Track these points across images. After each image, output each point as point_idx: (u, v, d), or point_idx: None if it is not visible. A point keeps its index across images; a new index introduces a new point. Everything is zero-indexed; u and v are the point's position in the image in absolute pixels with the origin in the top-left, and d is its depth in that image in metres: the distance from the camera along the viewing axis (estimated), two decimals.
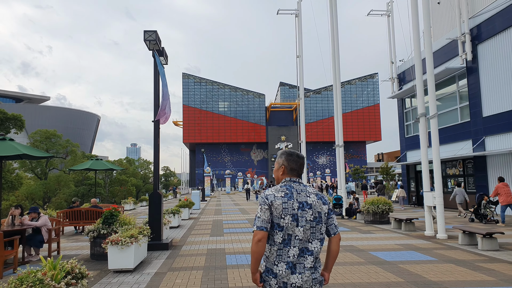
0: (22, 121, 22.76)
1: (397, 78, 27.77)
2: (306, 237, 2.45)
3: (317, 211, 2.50)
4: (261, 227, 2.44)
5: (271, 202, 2.48)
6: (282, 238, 2.44)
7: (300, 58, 27.35)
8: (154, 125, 9.92)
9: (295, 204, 2.47)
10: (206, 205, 29.65)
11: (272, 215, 2.47)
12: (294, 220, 2.43)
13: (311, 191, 2.57)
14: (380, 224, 14.14)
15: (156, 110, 9.78)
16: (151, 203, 9.65)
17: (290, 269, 2.41)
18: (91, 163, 13.62)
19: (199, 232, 12.90)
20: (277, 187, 2.60)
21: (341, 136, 19.48)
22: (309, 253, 2.45)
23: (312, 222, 2.47)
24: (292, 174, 2.65)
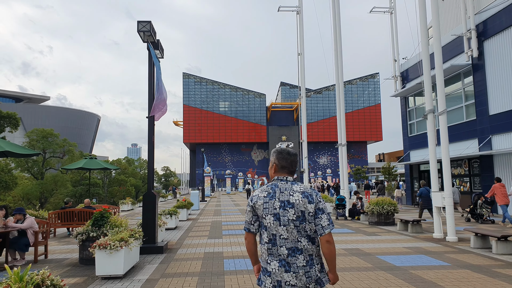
0: (17, 119, 22.25)
1: (400, 76, 27.23)
2: (293, 236, 2.43)
3: (300, 210, 2.44)
4: (245, 228, 2.62)
5: (254, 203, 2.55)
6: (268, 237, 2.48)
7: (301, 56, 26.82)
8: (149, 121, 9.39)
9: (276, 203, 2.47)
10: (206, 205, 29.14)
11: (257, 216, 2.56)
12: (276, 219, 2.44)
13: (296, 189, 2.51)
14: (385, 226, 13.61)
15: (151, 105, 9.26)
16: (145, 204, 9.13)
17: (283, 267, 2.42)
18: (85, 162, 13.09)
19: (196, 234, 12.38)
20: (263, 187, 2.62)
21: (343, 135, 19.00)
22: (299, 252, 2.43)
23: (296, 221, 2.43)
24: (283, 171, 2.64)
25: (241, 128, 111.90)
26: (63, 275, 6.98)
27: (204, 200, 36.34)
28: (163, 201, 41.11)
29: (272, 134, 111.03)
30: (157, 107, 9.26)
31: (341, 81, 19.82)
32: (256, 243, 2.64)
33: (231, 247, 9.59)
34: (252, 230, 2.59)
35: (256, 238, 2.66)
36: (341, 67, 20.07)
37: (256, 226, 2.58)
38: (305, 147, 25.68)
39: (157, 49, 10.05)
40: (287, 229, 2.43)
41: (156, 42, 9.90)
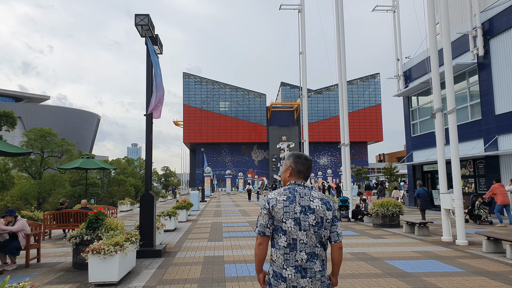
0: (14, 118, 21.85)
1: (403, 76, 26.86)
2: (312, 241, 2.45)
3: (320, 216, 2.48)
4: (260, 232, 2.52)
5: (272, 206, 2.50)
6: (286, 242, 2.45)
7: (303, 54, 26.46)
8: (146, 119, 9.02)
9: (297, 208, 2.47)
10: (206, 206, 28.76)
11: (273, 219, 2.50)
12: (297, 224, 2.44)
13: (315, 196, 2.55)
14: (390, 228, 13.22)
15: (149, 102, 8.88)
16: (142, 205, 8.75)
17: (299, 273, 2.41)
18: (81, 162, 12.70)
19: (196, 236, 12.00)
20: (280, 190, 2.58)
21: (347, 134, 18.62)
22: (316, 258, 2.46)
23: (315, 227, 2.46)
24: (299, 176, 2.64)
25: (241, 128, 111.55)
26: (54, 281, 6.60)
27: (204, 201, 35.96)
28: (163, 201, 40.74)
29: (272, 134, 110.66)
30: (156, 105, 8.88)
31: (344, 81, 19.47)
32: (267, 249, 2.59)
33: (232, 250, 9.21)
34: (267, 234, 2.53)
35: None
36: (344, 66, 19.72)
37: (271, 230, 2.54)
38: (306, 147, 25.30)
39: (155, 44, 9.67)
40: (307, 234, 2.45)
41: (155, 37, 9.53)
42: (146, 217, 8.69)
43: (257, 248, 2.54)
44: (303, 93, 26.03)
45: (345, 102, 18.96)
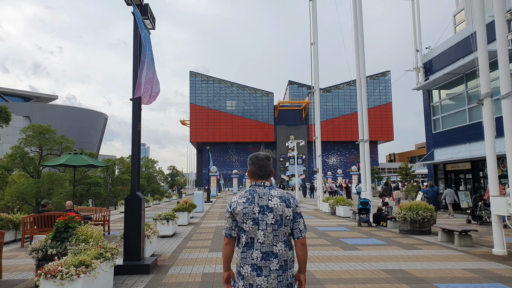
0: (7, 113, 20.44)
1: (423, 68, 24.98)
2: (269, 240, 2.50)
3: (278, 214, 2.53)
4: (226, 234, 2.65)
5: (233, 209, 2.59)
6: (245, 241, 2.54)
7: (314, 45, 24.77)
8: (133, 104, 7.40)
9: (255, 208, 2.53)
10: (211, 207, 27.15)
11: (236, 221, 2.60)
12: (255, 224, 2.51)
13: (274, 194, 2.60)
14: (420, 235, 11.47)
15: (135, 84, 7.25)
16: (127, 210, 7.12)
17: (255, 271, 2.48)
18: (67, 158, 11.16)
19: (196, 244, 10.36)
20: (242, 193, 2.69)
21: (366, 130, 16.89)
22: (273, 256, 2.49)
23: (274, 225, 2.51)
24: (254, 177, 2.71)
25: (248, 127, 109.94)
26: None
27: (209, 201, 34.37)
28: (167, 202, 39.22)
29: (280, 133, 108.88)
30: (144, 86, 7.25)
31: (363, 75, 17.78)
32: (234, 249, 2.68)
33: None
34: (233, 235, 2.63)
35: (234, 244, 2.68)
36: (362, 60, 17.98)
37: (236, 231, 2.63)
38: (318, 145, 23.60)
39: (145, 16, 8.03)
40: (264, 233, 2.50)
41: (144, 6, 7.89)
42: (132, 224, 7.06)
43: (224, 248, 2.66)
44: (315, 86, 24.31)
45: (364, 97, 17.27)
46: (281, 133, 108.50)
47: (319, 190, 23.11)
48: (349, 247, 9.48)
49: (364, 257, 8.23)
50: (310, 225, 14.62)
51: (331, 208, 19.51)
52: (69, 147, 28.92)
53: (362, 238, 11.14)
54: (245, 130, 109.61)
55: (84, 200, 33.00)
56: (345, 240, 10.63)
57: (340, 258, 8.15)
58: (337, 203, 18.60)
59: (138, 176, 7.32)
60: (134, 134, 7.34)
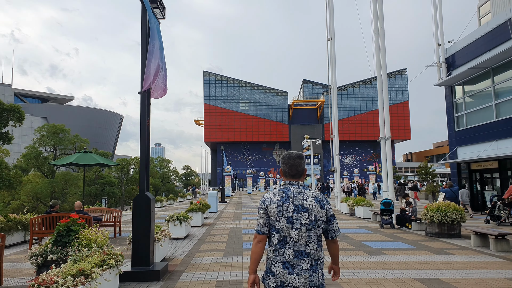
0: (21, 112, 20.28)
1: (445, 63, 23.97)
2: (302, 239, 2.51)
3: (313, 214, 2.55)
4: (258, 231, 2.62)
5: (266, 206, 2.60)
6: (277, 239, 2.54)
7: (331, 41, 24.01)
8: (141, 98, 6.87)
9: (290, 207, 2.54)
10: (225, 207, 26.63)
11: (269, 218, 2.59)
12: (289, 222, 2.52)
13: (309, 195, 2.61)
14: (449, 238, 10.69)
15: (143, 77, 6.71)
16: (135, 211, 6.60)
17: (286, 269, 2.49)
18: (77, 157, 10.74)
19: (210, 247, 9.80)
20: (275, 190, 2.66)
21: (387, 127, 16.12)
22: (306, 256, 2.52)
23: (308, 225, 2.53)
24: (286, 176, 2.73)
25: (262, 126, 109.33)
26: None
27: (224, 201, 33.88)
28: (182, 201, 38.89)
29: (294, 133, 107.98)
30: (152, 78, 6.72)
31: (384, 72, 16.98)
32: (264, 247, 2.62)
33: None
34: (266, 232, 2.61)
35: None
36: (383, 55, 17.21)
37: (268, 229, 2.61)
38: (336, 143, 22.84)
39: (155, 4, 7.51)
40: (298, 232, 2.51)
41: None
42: (140, 227, 6.53)
43: (255, 246, 2.60)
44: (332, 82, 23.56)
45: (385, 93, 16.48)
46: (296, 133, 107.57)
47: (337, 190, 22.35)
48: (374, 252, 8.79)
49: (392, 263, 7.54)
50: None
51: (350, 208, 18.77)
52: (83, 146, 28.77)
53: (386, 241, 10.42)
54: (259, 129, 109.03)
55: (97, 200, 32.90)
56: (369, 244, 9.93)
57: (366, 264, 7.48)
58: (357, 204, 17.86)
59: (147, 175, 6.79)
60: (143, 130, 6.81)
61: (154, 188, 52.42)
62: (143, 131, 6.80)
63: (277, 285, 2.50)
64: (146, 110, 6.85)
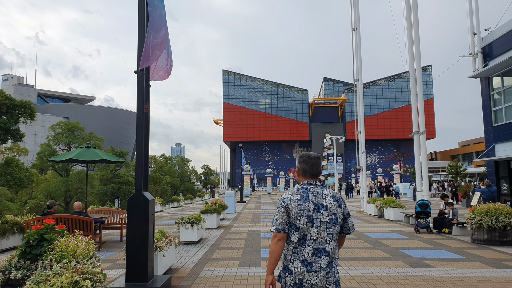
0: (32, 108, 19.64)
1: (481, 53, 22.12)
2: (322, 237, 2.55)
3: (333, 213, 2.60)
4: (278, 229, 2.59)
5: (287, 205, 2.60)
6: (297, 238, 2.56)
7: (356, 31, 22.55)
8: (138, 78, 5.71)
9: (310, 206, 2.57)
10: (244, 207, 25.46)
11: (289, 217, 2.59)
12: (310, 221, 2.55)
13: (327, 194, 2.66)
14: (501, 246, 9.18)
15: (141, 52, 5.54)
16: (130, 216, 5.44)
17: (305, 266, 2.50)
18: (78, 152, 9.71)
19: (224, 254, 8.60)
20: (294, 190, 2.69)
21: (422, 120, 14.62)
22: (325, 254, 2.53)
23: (328, 224, 2.57)
24: (306, 176, 2.74)
25: (282, 125, 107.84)
26: None
27: (242, 201, 32.71)
28: (200, 201, 37.98)
29: (315, 132, 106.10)
30: (152, 55, 5.54)
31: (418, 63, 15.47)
32: (284, 246, 2.64)
33: None
34: (286, 231, 2.60)
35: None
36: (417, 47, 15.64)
37: (288, 227, 2.61)
38: (362, 140, 21.34)
39: None
40: (318, 230, 2.54)
41: None
42: (136, 234, 5.37)
43: (275, 245, 2.58)
44: (357, 75, 22.05)
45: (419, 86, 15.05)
46: (316, 132, 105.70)
47: (363, 190, 20.86)
48: (417, 263, 7.41)
49: (444, 279, 6.16)
50: (358, 230, 12.57)
51: (378, 210, 17.29)
52: (98, 144, 28.17)
53: (427, 249, 9.00)
54: (279, 128, 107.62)
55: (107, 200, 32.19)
56: (408, 252, 8.54)
57: (412, 280, 6.13)
58: (386, 205, 16.38)
59: (145, 171, 5.63)
60: (140, 117, 5.65)
61: (172, 187, 51.82)
62: (140, 118, 5.64)
63: (295, 283, 2.51)
64: (143, 94, 5.68)
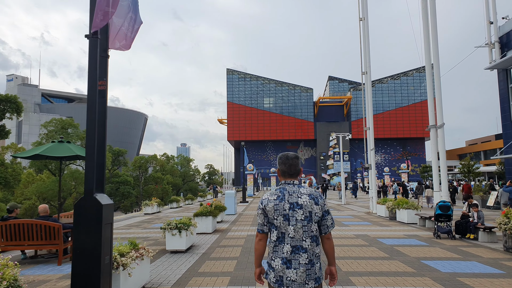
0: (18, 103, 18.43)
1: (498, 43, 20.64)
2: (299, 235, 2.63)
3: (308, 210, 2.66)
4: (258, 230, 2.79)
5: (264, 206, 2.73)
6: (276, 236, 2.68)
7: (364, 21, 21.14)
8: (90, 45, 4.37)
9: (286, 205, 2.67)
10: (246, 208, 24.11)
11: (267, 217, 2.73)
12: (286, 219, 2.64)
13: (303, 192, 2.73)
14: None
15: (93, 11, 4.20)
16: (77, 225, 4.11)
17: (285, 264, 2.61)
18: (48, 147, 8.33)
19: (215, 267, 7.26)
20: (272, 190, 2.82)
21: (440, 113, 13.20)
22: (303, 251, 2.62)
23: (303, 221, 2.65)
24: (284, 176, 2.84)
25: (287, 124, 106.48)
26: None
27: (245, 201, 31.32)
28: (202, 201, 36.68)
29: (320, 131, 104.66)
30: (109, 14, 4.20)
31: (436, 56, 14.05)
32: (266, 244, 2.80)
33: None
34: (265, 231, 2.75)
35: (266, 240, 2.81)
36: (435, 41, 14.23)
37: (268, 227, 2.75)
38: (371, 137, 19.95)
39: None
40: (294, 228, 2.63)
41: None
42: (85, 248, 4.04)
43: (257, 243, 2.79)
44: (366, 68, 20.63)
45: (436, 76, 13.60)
46: (321, 130, 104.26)
47: (373, 190, 19.45)
48: (448, 280, 6.02)
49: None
50: (369, 235, 11.17)
51: (389, 211, 15.87)
52: None
53: (455, 260, 7.60)
54: (283, 127, 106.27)
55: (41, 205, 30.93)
56: (433, 264, 7.15)
57: None
58: (399, 206, 14.96)
59: (98, 168, 4.30)
60: (92, 96, 4.32)
61: (174, 187, 50.56)
62: (91, 97, 4.31)
63: (277, 280, 2.61)
64: (97, 65, 4.34)
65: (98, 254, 4.05)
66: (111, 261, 4.33)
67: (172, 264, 7.51)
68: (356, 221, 15.24)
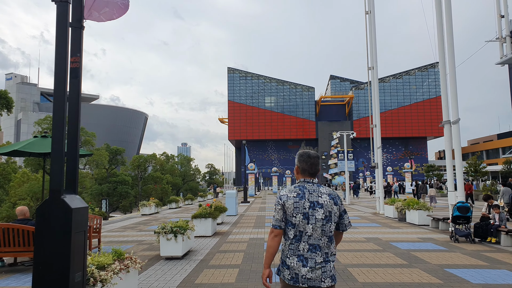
0: (9, 99, 17.64)
1: (510, 37, 19.79)
2: (316, 234, 2.62)
3: (328, 210, 2.65)
4: (275, 225, 2.70)
5: (283, 202, 2.68)
6: (293, 234, 2.64)
7: (370, 14, 20.37)
8: (58, 11, 3.56)
9: (306, 203, 2.64)
10: (247, 208, 23.32)
11: (285, 214, 2.68)
12: (305, 218, 2.62)
13: (323, 192, 2.72)
14: None
15: None
16: (39, 233, 3.31)
17: (301, 262, 2.59)
18: (29, 143, 7.49)
19: (214, 276, 6.46)
20: (291, 187, 2.77)
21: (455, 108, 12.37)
22: (319, 249, 2.61)
23: (323, 221, 2.63)
24: (304, 174, 2.79)
25: (288, 124, 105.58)
26: None
27: (246, 201, 30.52)
28: (202, 201, 35.89)
29: (321, 130, 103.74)
30: None
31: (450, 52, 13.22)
32: (280, 241, 2.72)
33: None
34: (282, 227, 2.68)
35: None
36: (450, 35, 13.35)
37: (284, 224, 2.69)
38: (378, 135, 19.14)
39: None
40: (313, 227, 2.61)
41: None
42: (49, 262, 3.24)
43: (272, 240, 2.68)
44: (372, 63, 19.84)
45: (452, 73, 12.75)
46: (323, 130, 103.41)
47: (379, 190, 18.64)
48: None
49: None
50: (381, 238, 10.36)
51: (399, 212, 15.06)
52: (89, 140, 26.06)
53: (482, 268, 6.80)
54: (285, 127, 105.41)
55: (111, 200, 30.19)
56: (460, 274, 6.34)
57: None
58: (409, 207, 14.15)
59: (71, 164, 3.50)
60: (60, 73, 3.51)
61: (174, 187, 49.73)
62: (60, 77, 3.49)
63: (292, 277, 2.58)
64: (67, 37, 3.53)
65: (66, 271, 3.25)
66: (84, 278, 3.52)
67: (166, 274, 6.70)
68: (364, 223, 14.43)
